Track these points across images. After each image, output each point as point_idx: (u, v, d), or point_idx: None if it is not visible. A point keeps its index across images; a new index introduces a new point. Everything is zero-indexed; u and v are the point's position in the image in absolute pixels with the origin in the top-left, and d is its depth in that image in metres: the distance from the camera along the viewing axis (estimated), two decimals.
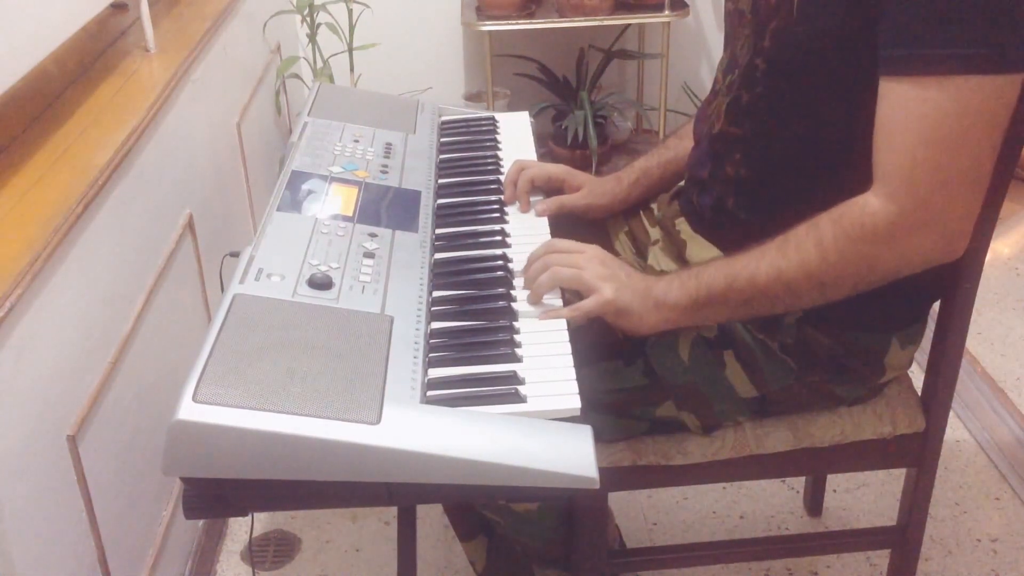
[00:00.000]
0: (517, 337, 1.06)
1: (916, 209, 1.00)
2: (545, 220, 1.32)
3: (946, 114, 0.96)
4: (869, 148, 1.03)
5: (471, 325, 1.08)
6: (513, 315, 1.10)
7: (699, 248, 1.26)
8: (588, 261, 1.14)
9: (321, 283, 1.06)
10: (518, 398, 0.97)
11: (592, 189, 1.39)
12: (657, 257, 1.34)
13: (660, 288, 1.13)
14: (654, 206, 1.43)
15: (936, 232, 1.02)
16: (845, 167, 1.06)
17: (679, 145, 1.38)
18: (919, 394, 1.32)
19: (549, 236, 1.21)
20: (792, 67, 1.11)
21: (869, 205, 1.02)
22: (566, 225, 1.34)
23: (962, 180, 0.99)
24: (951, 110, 0.96)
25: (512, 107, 2.87)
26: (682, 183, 1.37)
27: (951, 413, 1.46)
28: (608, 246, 1.30)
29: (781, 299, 1.09)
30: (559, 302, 1.13)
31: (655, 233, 1.38)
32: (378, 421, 0.89)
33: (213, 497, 0.93)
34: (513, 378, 1.00)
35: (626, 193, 1.41)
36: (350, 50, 2.53)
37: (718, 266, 1.11)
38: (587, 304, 1.12)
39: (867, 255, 1.03)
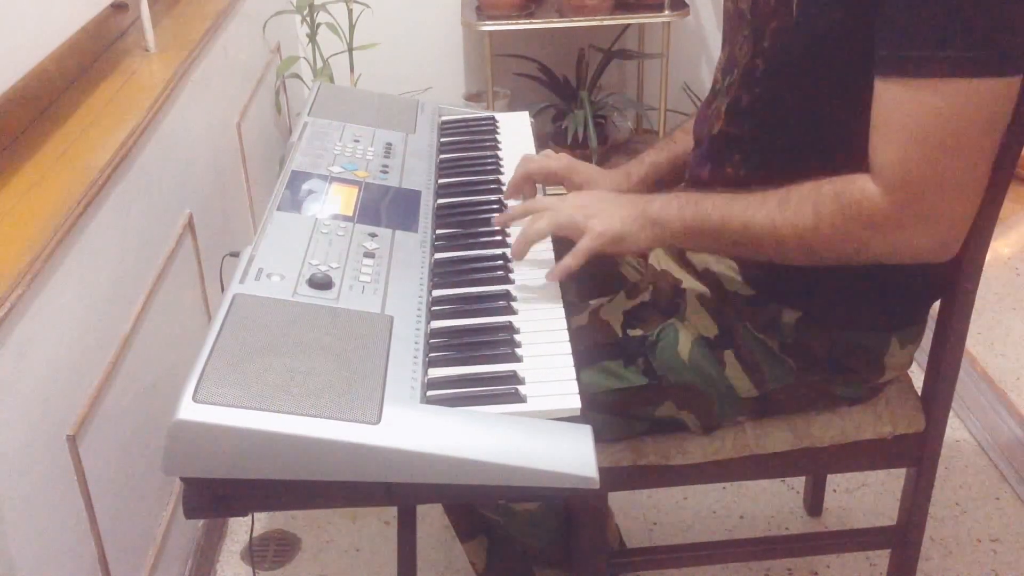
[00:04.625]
0: (517, 337, 1.06)
1: (909, 206, 1.00)
2: None
3: (941, 117, 0.97)
4: (868, 147, 1.03)
5: (471, 325, 1.08)
6: (513, 315, 1.10)
7: None
8: (564, 205, 1.17)
9: (321, 283, 1.06)
10: (518, 398, 0.97)
11: (597, 187, 1.37)
12: (658, 256, 1.34)
13: (656, 207, 1.14)
14: None
15: (928, 231, 1.02)
16: (845, 166, 1.06)
17: (686, 140, 1.37)
18: (919, 394, 1.32)
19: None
20: (792, 68, 1.11)
21: (868, 190, 1.02)
22: None
23: (957, 182, 1.00)
24: (946, 113, 0.96)
25: (512, 107, 2.87)
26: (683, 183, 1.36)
27: (951, 413, 1.46)
28: None
29: (768, 251, 1.09)
30: (552, 263, 1.15)
31: None
32: (378, 421, 0.89)
33: (213, 497, 0.93)
34: (513, 378, 1.00)
35: (633, 190, 1.39)
36: (350, 50, 2.53)
37: (717, 202, 1.11)
38: (582, 244, 1.13)
39: (859, 237, 1.04)
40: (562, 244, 1.18)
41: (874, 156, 1.02)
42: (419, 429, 0.90)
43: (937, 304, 1.26)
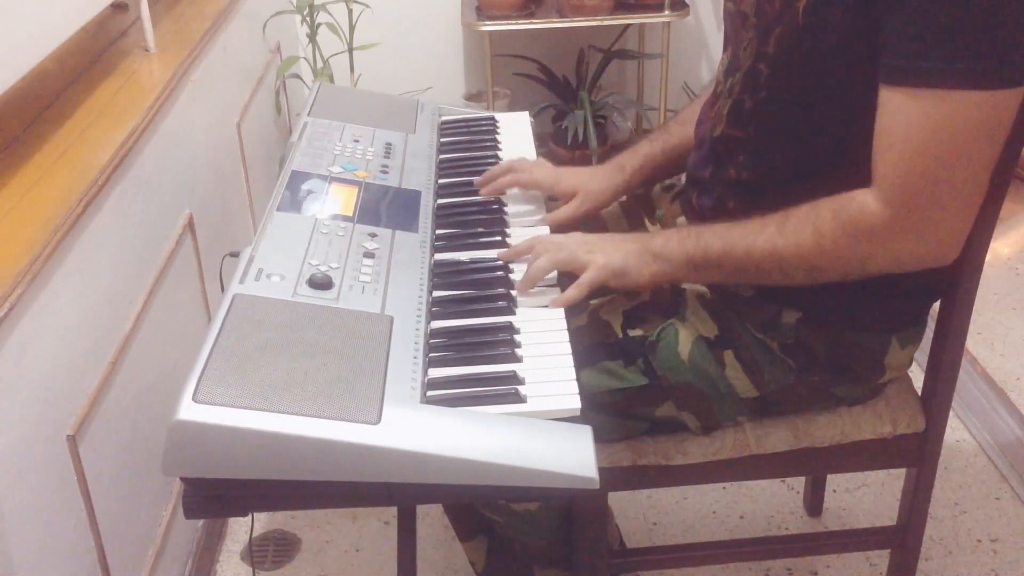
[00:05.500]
0: (517, 337, 1.06)
1: (910, 216, 1.01)
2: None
3: (942, 127, 0.97)
4: (870, 153, 1.03)
5: (471, 325, 1.08)
6: (513, 315, 1.10)
7: None
8: (567, 242, 1.18)
9: (321, 283, 1.06)
10: (518, 398, 0.97)
11: (588, 191, 1.35)
12: None
13: (658, 242, 1.15)
14: (660, 213, 1.43)
15: (928, 239, 1.02)
16: (847, 171, 1.06)
17: (682, 131, 1.37)
18: (919, 394, 1.32)
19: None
20: (796, 73, 1.11)
21: (867, 204, 1.02)
22: (566, 225, 1.34)
23: (957, 192, 1.00)
24: (948, 123, 0.97)
25: (512, 107, 2.87)
26: (683, 183, 1.36)
27: (951, 413, 1.46)
28: None
29: (772, 274, 1.10)
30: (557, 291, 1.14)
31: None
32: (378, 421, 0.89)
33: (213, 497, 0.93)
34: (513, 378, 1.00)
35: (629, 182, 1.39)
36: (350, 50, 2.53)
37: (718, 231, 1.12)
38: (586, 276, 1.14)
39: (860, 252, 1.05)
40: (566, 272, 1.18)
41: (875, 164, 1.02)
42: (419, 429, 0.90)
43: (937, 304, 1.26)
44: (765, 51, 1.12)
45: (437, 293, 1.14)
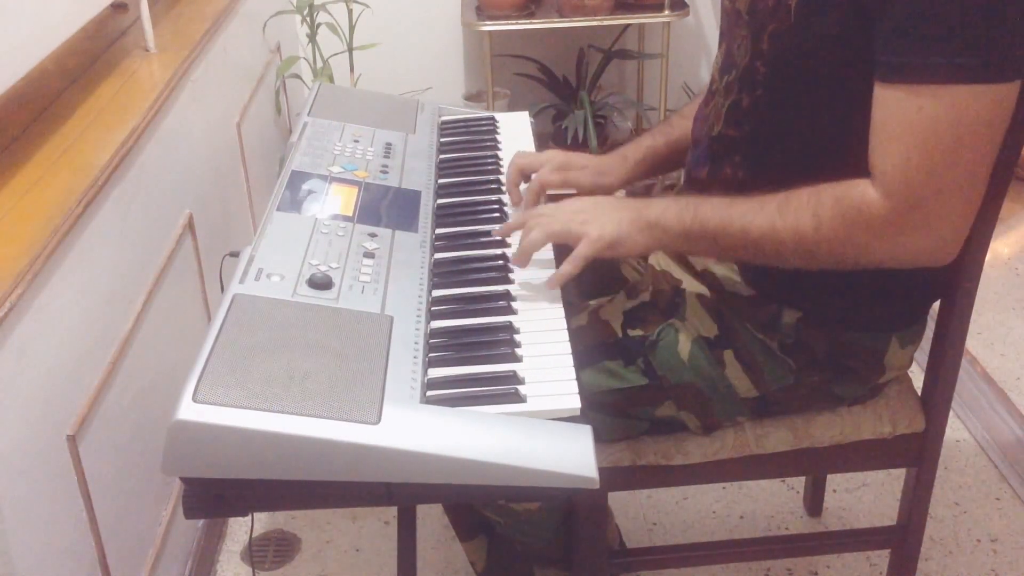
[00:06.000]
0: (517, 337, 1.06)
1: (910, 211, 1.00)
2: None
3: (940, 122, 0.97)
4: (868, 150, 1.03)
5: (471, 325, 1.08)
6: (513, 315, 1.10)
7: None
8: (560, 212, 1.16)
9: (321, 283, 1.06)
10: (518, 398, 0.97)
11: (597, 169, 1.37)
12: (659, 257, 1.34)
13: (654, 210, 1.14)
14: None
15: (928, 235, 1.02)
16: (844, 168, 1.06)
17: (684, 125, 1.37)
18: (919, 394, 1.32)
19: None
20: (791, 70, 1.11)
21: (868, 195, 1.02)
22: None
23: (957, 187, 1.00)
24: (945, 118, 0.96)
25: (512, 107, 2.87)
26: (681, 182, 1.36)
27: (951, 413, 1.46)
28: None
29: (767, 255, 1.09)
30: (554, 264, 1.14)
31: None
32: (378, 421, 0.89)
33: (213, 497, 0.93)
34: (513, 378, 1.00)
35: (632, 172, 1.39)
36: (350, 50, 2.53)
37: (716, 206, 1.11)
38: (579, 250, 1.13)
39: (858, 242, 1.04)
40: (562, 247, 1.18)
41: (874, 161, 1.02)
42: (419, 429, 0.90)
43: (937, 304, 1.26)
44: (760, 49, 1.12)
45: (437, 293, 1.14)
